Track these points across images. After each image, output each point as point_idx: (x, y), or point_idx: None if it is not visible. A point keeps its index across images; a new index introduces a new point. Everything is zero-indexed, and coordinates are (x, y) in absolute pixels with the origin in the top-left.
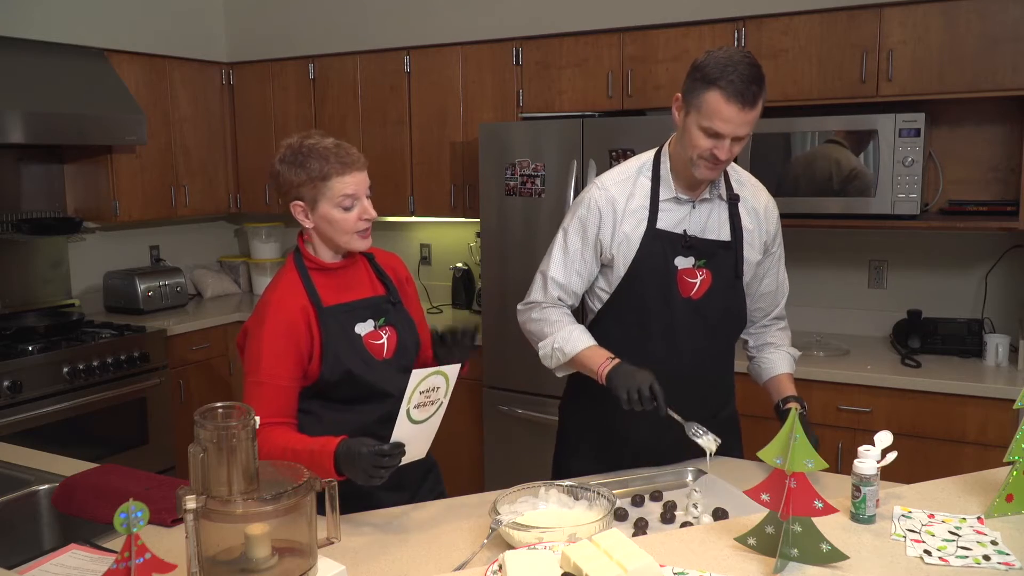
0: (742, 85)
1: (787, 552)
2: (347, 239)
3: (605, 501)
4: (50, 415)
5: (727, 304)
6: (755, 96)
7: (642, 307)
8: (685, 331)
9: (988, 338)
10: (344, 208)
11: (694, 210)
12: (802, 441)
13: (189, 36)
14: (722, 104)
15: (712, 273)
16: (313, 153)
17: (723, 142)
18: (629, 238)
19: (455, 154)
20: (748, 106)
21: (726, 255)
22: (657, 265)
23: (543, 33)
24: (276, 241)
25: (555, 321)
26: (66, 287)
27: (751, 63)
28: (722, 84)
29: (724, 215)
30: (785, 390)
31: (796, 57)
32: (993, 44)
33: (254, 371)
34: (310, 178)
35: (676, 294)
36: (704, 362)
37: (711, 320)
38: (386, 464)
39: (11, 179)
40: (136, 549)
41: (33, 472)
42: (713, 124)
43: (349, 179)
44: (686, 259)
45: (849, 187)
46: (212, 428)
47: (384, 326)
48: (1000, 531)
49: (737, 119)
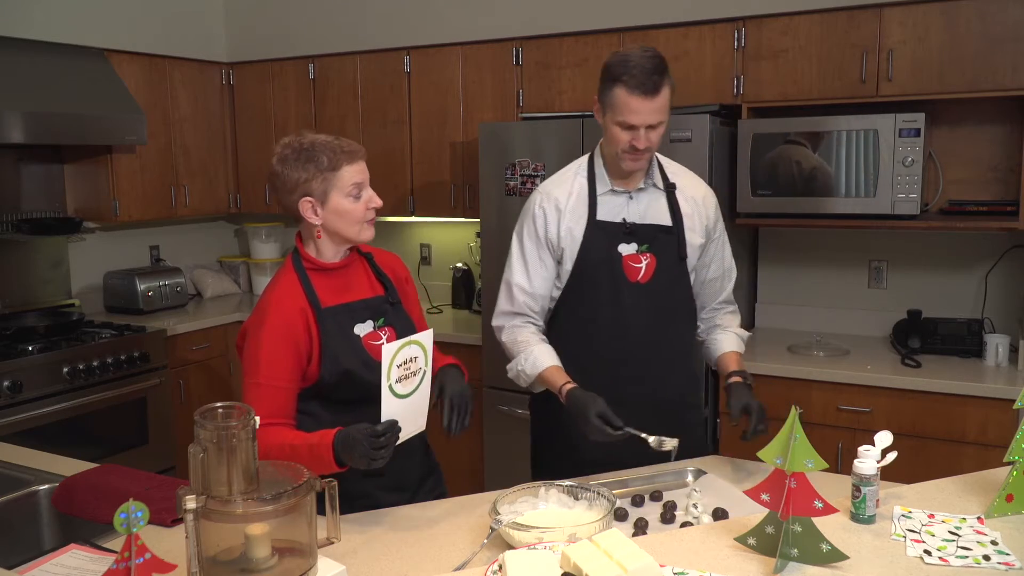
0: (643, 76)
1: (787, 552)
2: (357, 229)
3: (605, 501)
4: (50, 415)
5: (674, 286)
6: (656, 85)
7: (592, 296)
8: (635, 315)
9: (988, 338)
10: (354, 197)
11: (632, 200)
12: (802, 441)
13: (189, 36)
14: (628, 98)
15: (656, 256)
16: (318, 147)
17: (638, 132)
18: (573, 233)
19: (455, 154)
20: (651, 95)
21: (668, 238)
22: (601, 253)
23: (543, 33)
24: (276, 241)
25: (522, 341)
26: (66, 287)
27: (651, 56)
28: (624, 79)
29: (663, 203)
30: (731, 366)
31: (796, 57)
32: (993, 44)
33: (253, 372)
34: (320, 171)
35: (624, 279)
36: (659, 347)
37: (660, 302)
38: (383, 444)
39: (11, 179)
40: (136, 549)
41: (33, 472)
42: (625, 117)
43: (358, 166)
44: (629, 245)
45: (848, 187)
46: (212, 428)
47: (383, 326)
48: (1000, 531)
49: (644, 108)
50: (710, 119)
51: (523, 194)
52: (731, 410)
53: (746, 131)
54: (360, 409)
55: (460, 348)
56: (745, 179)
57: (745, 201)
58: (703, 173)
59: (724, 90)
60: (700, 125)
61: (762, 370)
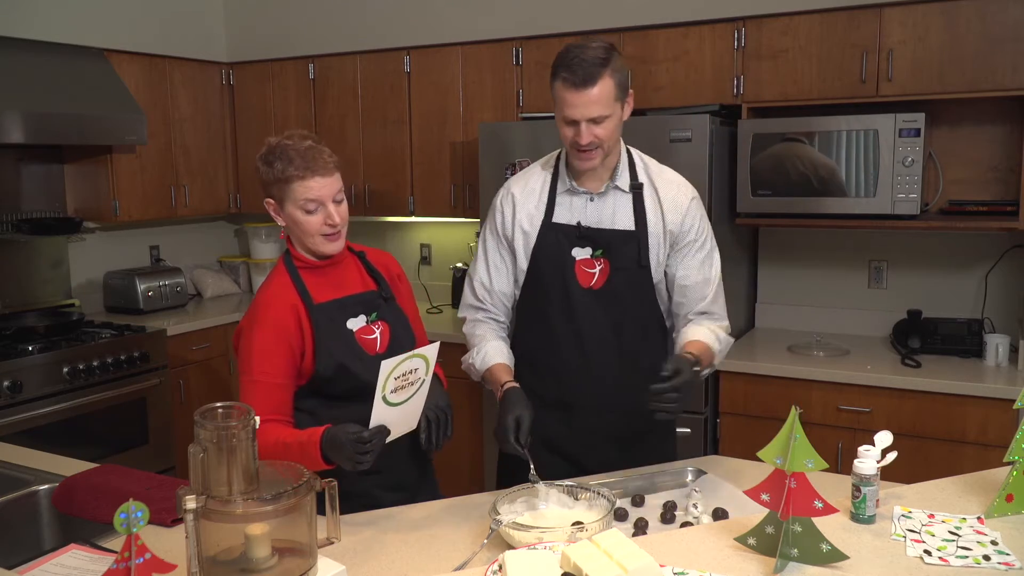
0: (577, 68)
1: (787, 552)
2: (312, 241)
3: (605, 501)
4: (50, 415)
5: (632, 293)
6: (589, 77)
7: (545, 299)
8: (588, 322)
9: (988, 338)
10: (307, 211)
11: (591, 203)
12: (802, 441)
13: (189, 36)
14: (563, 91)
15: (610, 263)
16: (282, 154)
17: (580, 127)
18: (524, 229)
19: (455, 154)
20: (583, 87)
21: (627, 244)
22: (554, 256)
23: (543, 33)
24: (276, 241)
25: (478, 335)
26: (66, 287)
27: (594, 47)
28: (561, 72)
29: (628, 206)
30: (687, 348)
31: (796, 57)
32: (993, 44)
33: (247, 370)
34: (276, 178)
35: (575, 284)
36: (620, 354)
37: (613, 310)
38: (368, 449)
39: (11, 179)
40: (136, 549)
41: (33, 472)
42: (564, 111)
43: (312, 183)
44: (583, 250)
45: (848, 187)
46: (212, 428)
47: (376, 321)
48: (1000, 531)
49: (579, 101)
50: (710, 119)
51: None
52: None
53: (746, 131)
54: (357, 404)
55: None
56: (745, 179)
57: (745, 201)
58: (703, 173)
59: (724, 90)
60: (700, 125)
61: (762, 370)
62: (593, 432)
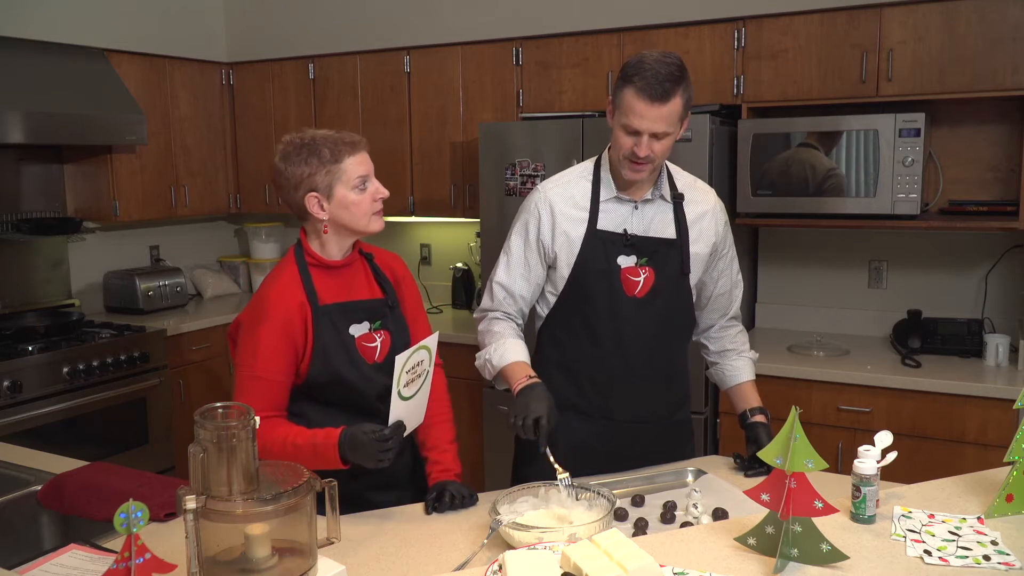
0: (654, 81)
1: (787, 552)
2: (365, 221)
3: (605, 501)
4: (50, 415)
5: (673, 302)
6: (666, 92)
7: (588, 308)
8: (632, 330)
9: (988, 338)
10: (359, 189)
11: (636, 211)
12: (802, 441)
13: (189, 36)
14: (635, 100)
15: (655, 271)
16: (319, 141)
17: (641, 139)
18: (571, 239)
19: (455, 154)
20: (659, 101)
21: (670, 252)
22: (600, 264)
23: (543, 33)
24: (276, 241)
25: (496, 332)
26: (66, 287)
27: (668, 62)
28: (635, 81)
29: (669, 215)
30: (751, 400)
31: (796, 57)
32: (993, 44)
33: (249, 365)
34: (323, 164)
35: (621, 292)
36: (655, 363)
37: (657, 318)
38: (390, 447)
39: (11, 179)
40: (136, 549)
41: (33, 472)
42: (630, 120)
43: (361, 157)
44: (628, 258)
45: (848, 187)
46: (212, 428)
47: (379, 329)
48: (1000, 531)
49: (650, 114)
50: (710, 119)
51: (523, 194)
52: (748, 450)
53: (746, 131)
54: (349, 415)
55: (460, 348)
56: (745, 179)
57: (745, 201)
58: (703, 173)
59: (724, 90)
60: (700, 125)
61: (762, 370)
62: (634, 440)
